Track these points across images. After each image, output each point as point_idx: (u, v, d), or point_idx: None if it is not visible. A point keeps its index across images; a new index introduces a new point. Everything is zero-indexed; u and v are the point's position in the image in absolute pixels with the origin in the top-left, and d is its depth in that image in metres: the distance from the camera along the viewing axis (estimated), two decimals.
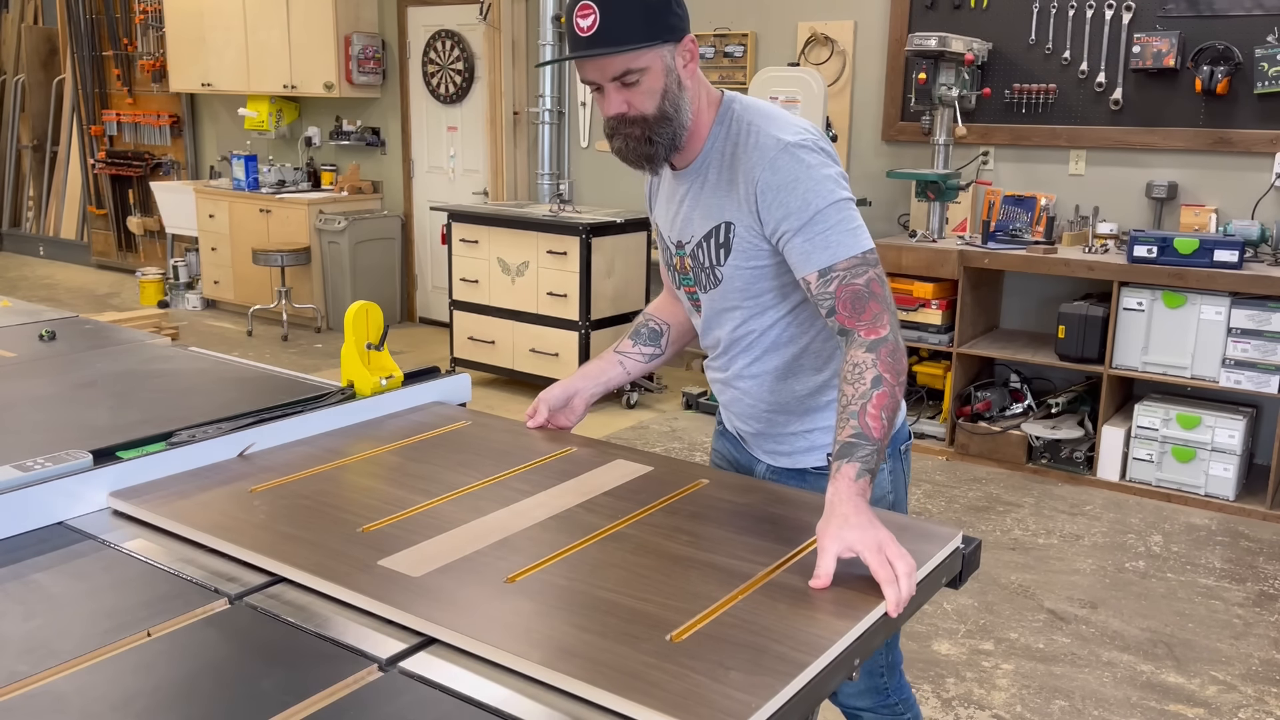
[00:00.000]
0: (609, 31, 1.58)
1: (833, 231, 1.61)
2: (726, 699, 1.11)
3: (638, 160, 1.70)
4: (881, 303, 1.60)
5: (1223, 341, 4.22)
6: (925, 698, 2.89)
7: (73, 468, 1.64)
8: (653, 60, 1.62)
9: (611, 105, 1.66)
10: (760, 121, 1.69)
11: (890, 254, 4.86)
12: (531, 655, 1.19)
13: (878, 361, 1.54)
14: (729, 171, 1.70)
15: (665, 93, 1.64)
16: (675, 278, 1.88)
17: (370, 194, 7.48)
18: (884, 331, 1.57)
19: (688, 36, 1.67)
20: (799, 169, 1.63)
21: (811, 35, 5.49)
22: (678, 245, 1.83)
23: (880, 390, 1.52)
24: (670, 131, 1.67)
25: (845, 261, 1.61)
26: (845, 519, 1.40)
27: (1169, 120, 4.64)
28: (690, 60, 1.67)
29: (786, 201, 1.63)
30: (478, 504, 1.64)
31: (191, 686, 1.17)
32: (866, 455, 1.47)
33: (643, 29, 1.60)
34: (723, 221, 1.72)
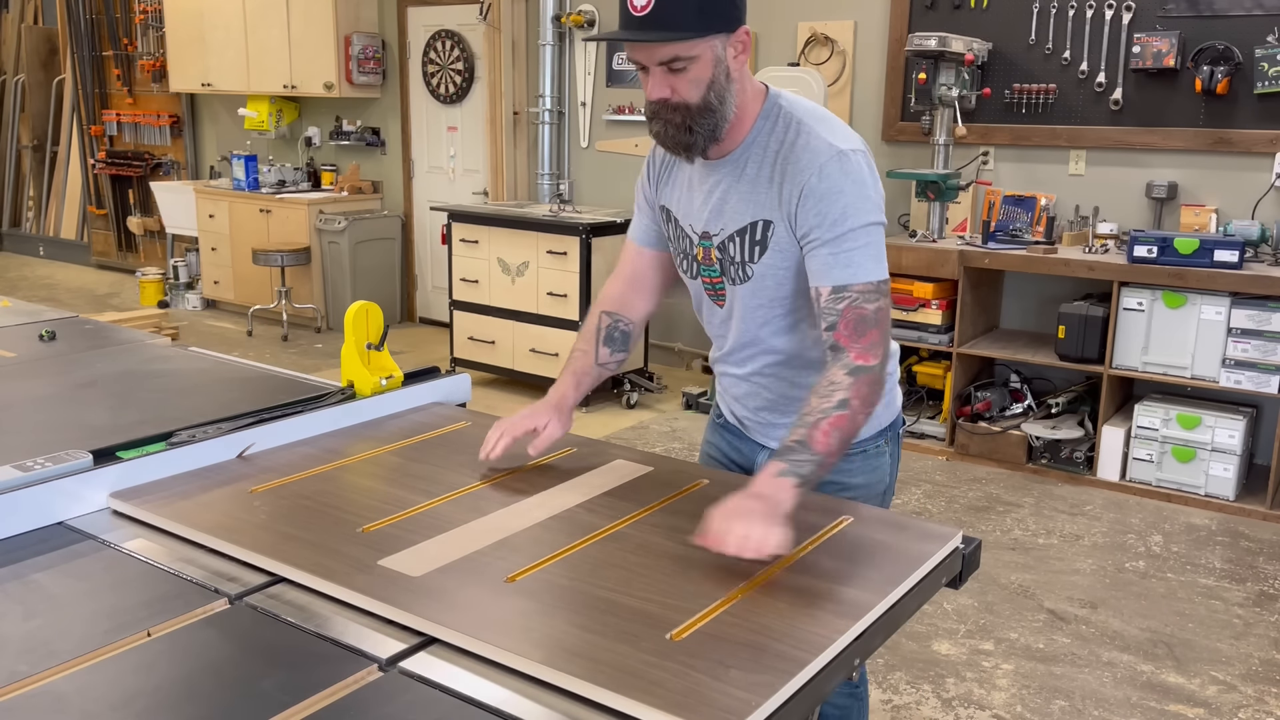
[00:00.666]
0: (663, 15, 1.54)
1: (859, 252, 1.61)
2: (727, 697, 1.11)
3: (675, 147, 1.68)
4: (882, 333, 1.61)
5: (1223, 341, 4.22)
6: (925, 698, 2.89)
7: (73, 468, 1.64)
8: (703, 50, 1.58)
9: (655, 89, 1.62)
10: (812, 123, 1.67)
11: (890, 254, 4.80)
12: (532, 654, 1.19)
13: (853, 386, 1.56)
14: (772, 169, 1.67)
15: (712, 83, 1.60)
16: (692, 267, 1.82)
17: (370, 194, 7.48)
18: (872, 361, 1.59)
19: (742, 27, 1.62)
20: (845, 181, 1.63)
21: (811, 35, 5.49)
22: (703, 235, 1.77)
23: (842, 413, 1.54)
24: (712, 123, 1.63)
25: (862, 285, 1.61)
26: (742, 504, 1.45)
27: (1169, 120, 4.64)
28: (742, 51, 1.64)
29: (826, 210, 1.62)
30: (478, 504, 1.64)
31: (191, 686, 1.17)
32: (800, 461, 1.51)
33: (697, 17, 1.56)
34: (760, 219, 1.69)
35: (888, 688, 2.93)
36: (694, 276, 1.84)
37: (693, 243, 1.80)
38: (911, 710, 2.84)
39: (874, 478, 1.86)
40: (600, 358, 1.91)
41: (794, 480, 1.49)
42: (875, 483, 1.86)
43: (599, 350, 1.91)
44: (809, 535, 1.52)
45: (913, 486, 4.48)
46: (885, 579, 1.40)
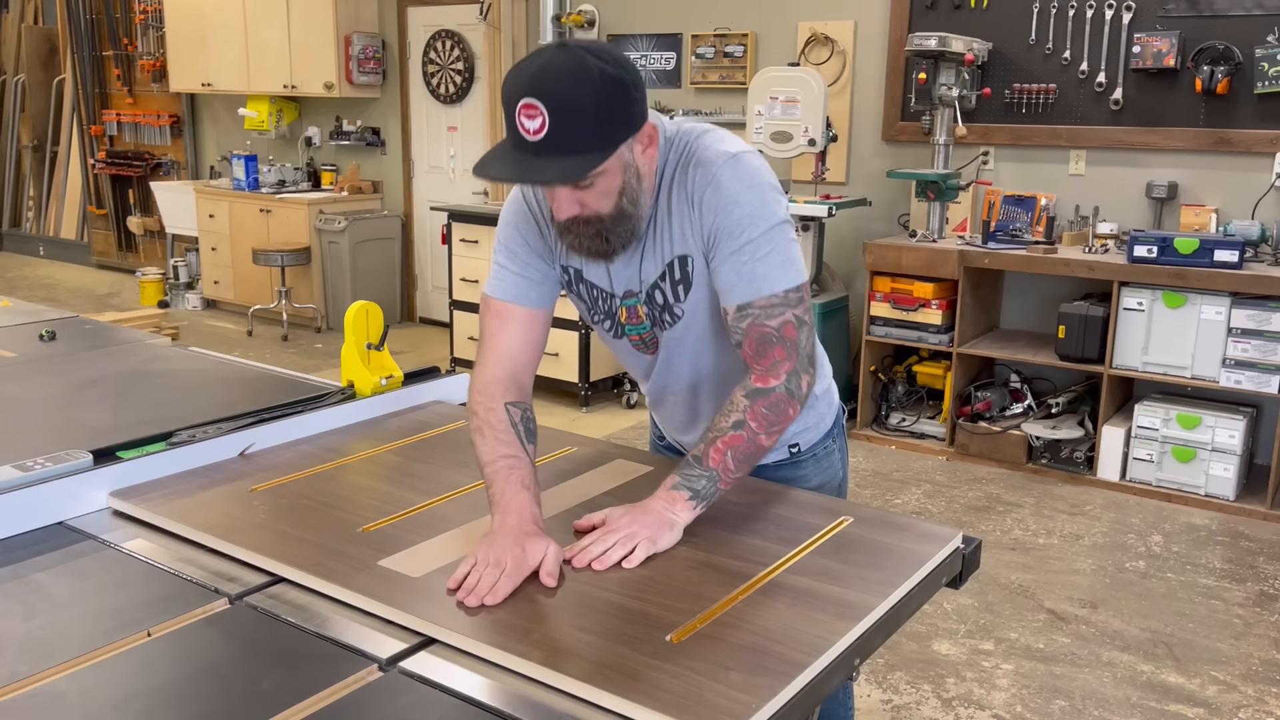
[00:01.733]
0: (561, 139, 1.38)
1: (761, 263, 1.52)
2: (727, 699, 1.11)
3: (592, 256, 1.58)
4: (788, 348, 1.53)
5: (1223, 341, 4.22)
6: (925, 698, 2.89)
7: (73, 468, 1.64)
8: (610, 162, 1.44)
9: (562, 209, 1.49)
10: (696, 139, 1.57)
11: (890, 254, 4.86)
12: (532, 656, 1.19)
13: (749, 410, 1.53)
14: (674, 199, 1.57)
15: (623, 190, 1.48)
16: (616, 328, 1.71)
17: (370, 194, 7.48)
18: (774, 382, 1.53)
19: (647, 123, 1.48)
20: (738, 186, 1.52)
21: (811, 35, 5.49)
22: (626, 294, 1.66)
23: (738, 433, 1.53)
24: (628, 228, 1.53)
25: (764, 300, 1.53)
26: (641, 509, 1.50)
27: (1169, 120, 4.64)
28: (649, 144, 1.50)
29: (723, 223, 1.53)
30: (477, 504, 1.63)
31: (191, 686, 1.17)
32: (693, 476, 1.52)
33: (596, 135, 1.41)
34: (676, 256, 1.59)
35: (888, 688, 2.93)
36: (618, 336, 1.73)
37: (614, 302, 1.68)
38: (911, 710, 2.84)
39: (828, 475, 1.89)
40: (531, 456, 1.59)
41: (686, 494, 1.51)
42: (830, 479, 1.89)
43: (527, 448, 1.59)
44: (808, 536, 1.52)
45: (913, 486, 4.48)
46: (885, 580, 1.39)
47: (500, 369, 1.65)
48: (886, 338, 4.98)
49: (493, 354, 1.66)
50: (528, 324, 1.67)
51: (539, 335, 1.69)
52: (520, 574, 1.36)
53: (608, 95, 1.40)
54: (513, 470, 1.53)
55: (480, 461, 1.56)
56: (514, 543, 1.39)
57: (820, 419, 1.87)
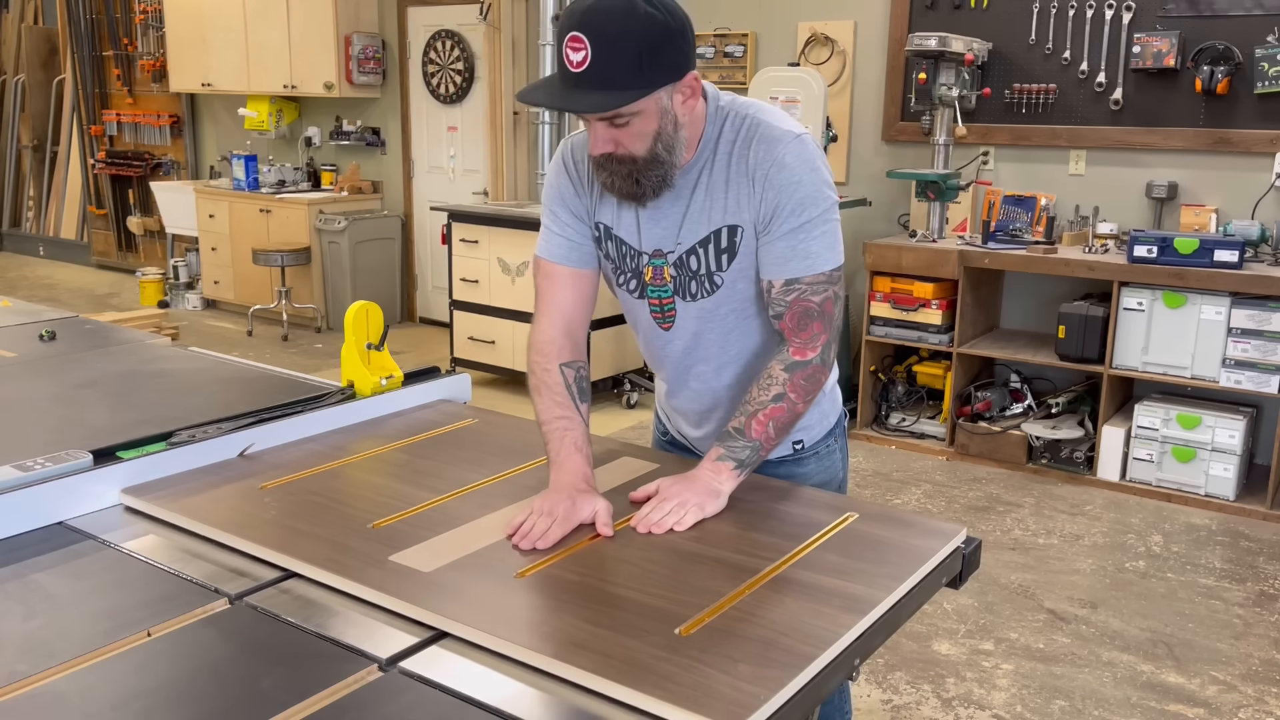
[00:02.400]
0: (601, 72, 1.44)
1: (815, 241, 1.60)
2: (736, 691, 1.12)
3: (624, 197, 1.62)
4: (825, 323, 1.63)
5: (1223, 341, 4.22)
6: (925, 698, 2.89)
7: (73, 467, 1.64)
8: (647, 104, 1.49)
9: (598, 144, 1.54)
10: (761, 115, 1.63)
11: (890, 254, 4.86)
12: (544, 649, 1.20)
13: (789, 381, 1.62)
14: (731, 170, 1.61)
15: (659, 135, 1.53)
16: (639, 288, 1.73)
17: (370, 194, 7.48)
18: (811, 355, 1.63)
19: (690, 73, 1.53)
20: (803, 167, 1.59)
21: (811, 35, 5.49)
22: (655, 254, 1.68)
23: (779, 405, 1.62)
24: (660, 173, 1.57)
25: (812, 276, 1.61)
26: (690, 479, 1.60)
27: (1169, 120, 4.64)
28: (690, 96, 1.55)
29: (785, 201, 1.58)
30: (486, 500, 1.65)
31: (191, 686, 1.17)
32: (737, 448, 1.61)
33: (638, 73, 1.46)
34: (726, 225, 1.63)
35: (888, 688, 2.93)
36: (640, 296, 1.74)
37: (641, 261, 1.70)
38: (911, 710, 2.84)
39: (830, 473, 1.91)
40: (584, 415, 1.71)
41: (731, 464, 1.61)
42: (831, 478, 1.91)
43: (580, 409, 1.70)
44: (814, 532, 1.54)
45: (913, 486, 4.48)
46: (890, 575, 1.40)
47: (554, 328, 1.74)
48: (886, 338, 4.98)
49: (546, 313, 1.75)
50: (575, 282, 1.75)
51: (588, 293, 1.77)
52: (569, 524, 1.50)
53: (651, 37, 1.45)
54: (567, 432, 1.65)
55: (539, 419, 1.70)
56: (566, 497, 1.54)
57: (824, 416, 1.88)
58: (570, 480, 1.58)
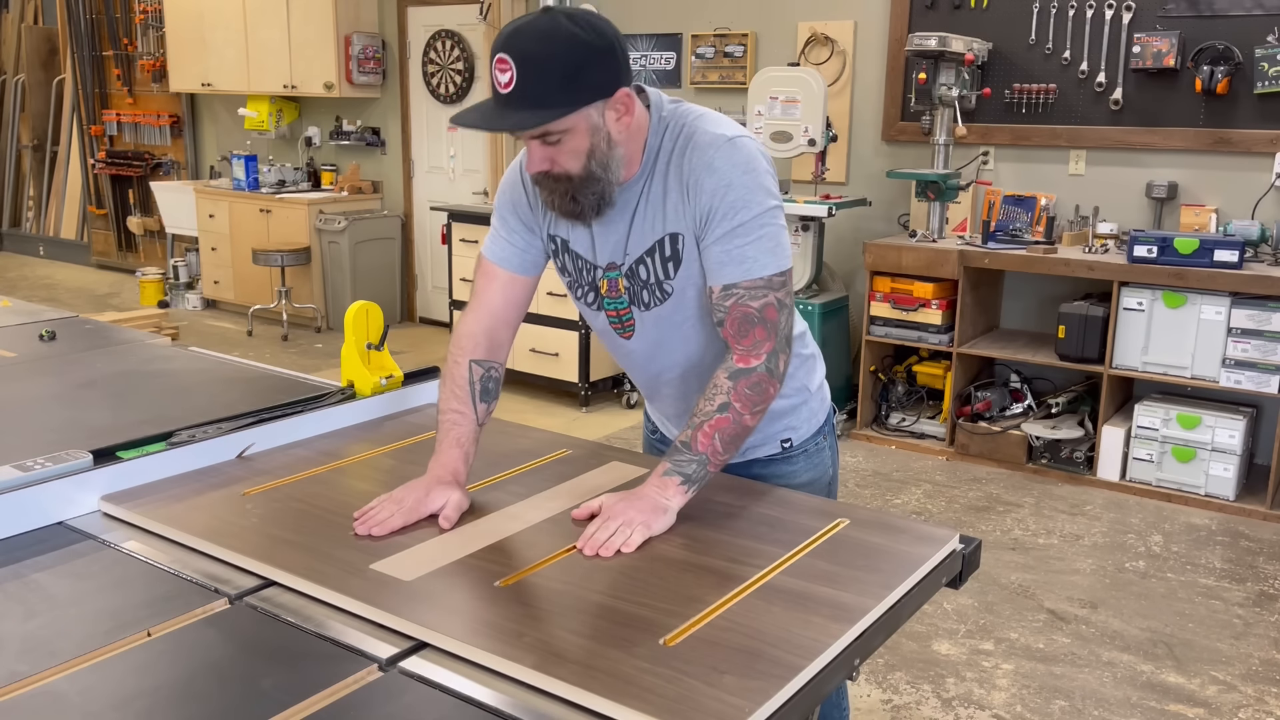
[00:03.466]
0: (526, 93, 1.47)
1: (751, 246, 1.58)
2: (720, 703, 1.11)
3: (564, 215, 1.64)
4: (768, 329, 1.59)
5: (1223, 341, 4.22)
6: (925, 698, 2.89)
7: (73, 468, 1.64)
8: (576, 121, 1.51)
9: (533, 162, 1.57)
10: (695, 121, 1.63)
11: (890, 254, 4.86)
12: (524, 660, 1.19)
13: (733, 390, 1.58)
14: (668, 179, 1.62)
15: (592, 152, 1.54)
16: (596, 300, 1.75)
17: (370, 194, 7.48)
18: (755, 362, 1.59)
19: (621, 90, 1.53)
20: (733, 170, 1.58)
21: (811, 35, 5.49)
22: (609, 267, 1.70)
23: (723, 416, 1.58)
24: (598, 190, 1.58)
25: (749, 281, 1.59)
26: (635, 496, 1.56)
27: (1169, 120, 4.64)
28: (624, 113, 1.55)
29: (717, 205, 1.58)
30: (471, 508, 1.63)
31: (191, 686, 1.17)
32: (683, 462, 1.57)
33: (562, 92, 1.48)
34: (668, 233, 1.64)
35: (888, 688, 2.93)
36: (598, 309, 1.77)
37: (597, 274, 1.72)
38: (911, 710, 2.84)
39: (818, 472, 1.90)
40: (479, 416, 1.74)
41: (678, 479, 1.57)
42: (820, 477, 1.91)
43: (476, 408, 1.73)
44: (804, 538, 1.52)
45: (913, 486, 4.48)
46: (881, 583, 1.39)
47: (478, 324, 1.77)
48: (886, 338, 4.98)
49: (474, 310, 1.79)
50: (509, 286, 1.78)
51: (520, 298, 1.80)
52: (414, 515, 1.56)
53: (575, 57, 1.48)
54: (454, 426, 1.70)
55: (438, 407, 1.75)
56: (423, 487, 1.60)
57: (813, 414, 1.89)
58: (437, 471, 1.64)
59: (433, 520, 1.57)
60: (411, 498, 1.58)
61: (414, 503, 1.57)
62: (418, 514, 1.56)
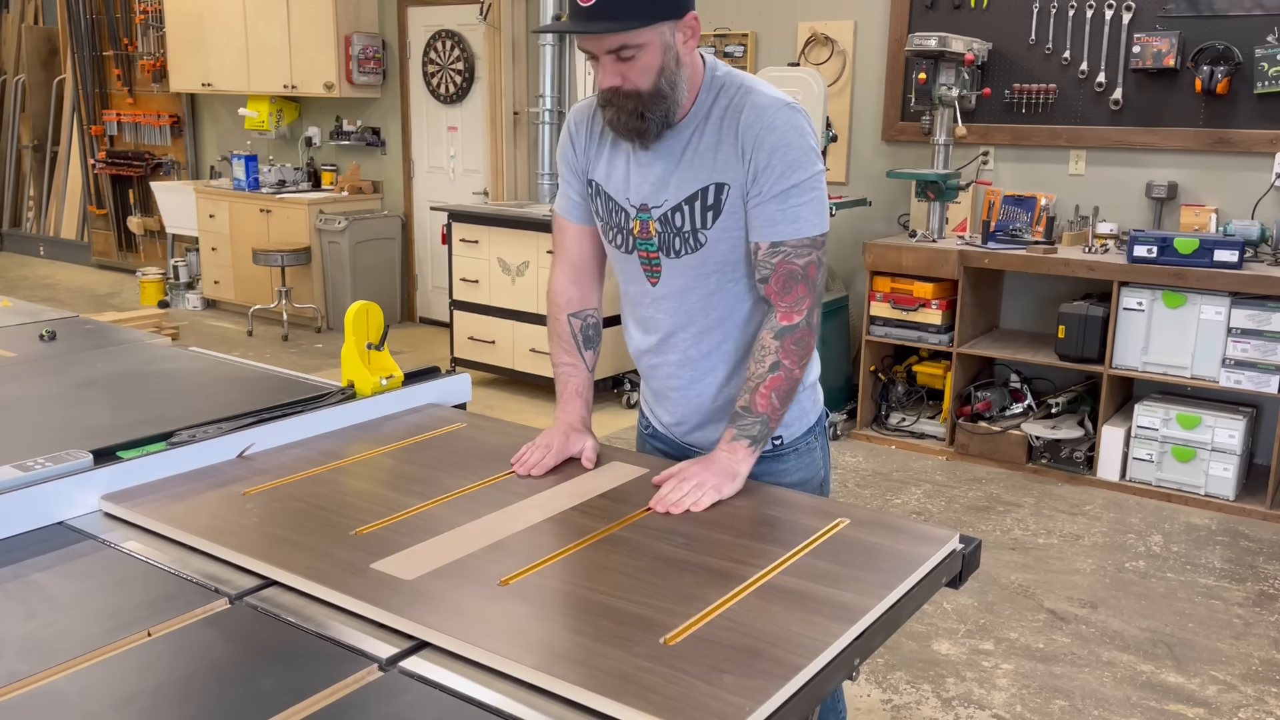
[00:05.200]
0: (609, 5, 1.57)
1: (804, 207, 1.67)
2: (720, 703, 1.11)
3: (629, 134, 1.70)
4: (809, 286, 1.70)
5: (1223, 341, 4.22)
6: (925, 698, 2.89)
7: (73, 468, 1.64)
8: (651, 37, 1.61)
9: (606, 77, 1.65)
10: (753, 84, 1.72)
11: (890, 254, 4.86)
12: (524, 659, 1.19)
13: (780, 348, 1.70)
14: (722, 132, 1.69)
15: (662, 69, 1.63)
16: (627, 241, 1.81)
17: (370, 194, 7.48)
18: (797, 318, 1.70)
19: (691, 13, 1.65)
20: (793, 132, 1.66)
21: (811, 35, 5.49)
22: (641, 208, 1.76)
23: (776, 374, 1.69)
24: (664, 108, 1.66)
25: (797, 240, 1.68)
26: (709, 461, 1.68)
27: (1169, 120, 4.64)
28: (691, 37, 1.67)
29: (775, 163, 1.65)
30: (472, 506, 1.63)
31: (191, 686, 1.17)
32: (748, 425, 1.70)
33: (643, 6, 1.58)
34: (713, 182, 1.70)
35: (888, 688, 2.93)
36: (628, 251, 1.82)
37: (629, 216, 1.79)
38: (911, 710, 2.84)
39: (809, 472, 1.91)
40: (588, 363, 1.92)
41: (746, 442, 1.69)
42: (811, 476, 1.92)
43: (584, 357, 1.92)
44: (804, 538, 1.52)
45: (913, 486, 4.48)
46: (881, 582, 1.39)
47: (565, 278, 1.92)
48: (886, 338, 4.98)
49: (558, 264, 1.94)
50: (582, 236, 1.90)
51: (596, 246, 1.91)
52: (561, 455, 1.78)
53: None
54: (570, 378, 1.89)
55: (552, 360, 1.93)
56: (561, 434, 1.80)
57: (804, 413, 1.89)
58: (568, 420, 1.83)
59: (433, 521, 1.57)
60: (557, 442, 1.77)
61: (559, 445, 1.77)
62: (564, 454, 1.78)
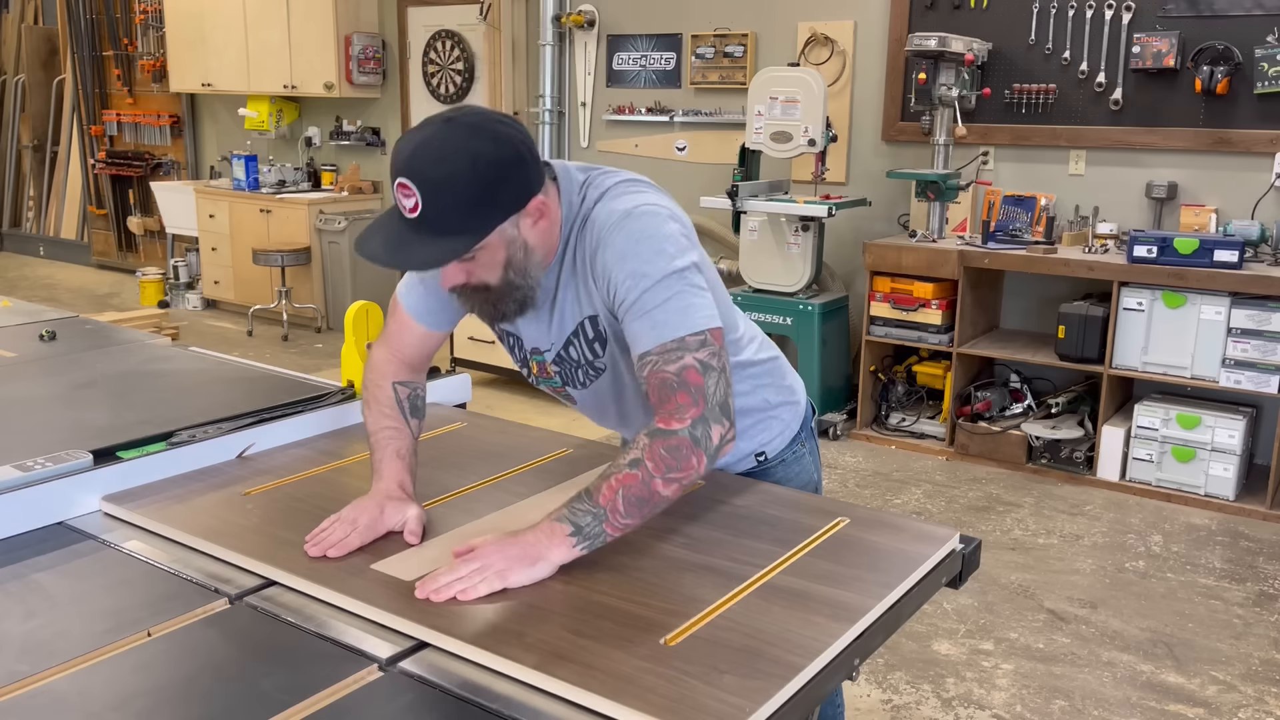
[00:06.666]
0: (430, 221, 1.39)
1: (659, 311, 1.47)
2: (720, 703, 1.11)
3: (488, 320, 1.60)
4: (691, 394, 1.43)
5: (1223, 341, 4.22)
6: (925, 698, 2.89)
7: (73, 468, 1.64)
8: (490, 239, 1.44)
9: (448, 278, 1.50)
10: (599, 201, 1.56)
11: (890, 254, 4.86)
12: (524, 659, 1.19)
13: (648, 448, 1.42)
14: (578, 265, 1.57)
15: (508, 263, 1.48)
16: (534, 379, 1.77)
17: (370, 194, 7.48)
18: (675, 426, 1.42)
19: (535, 199, 1.46)
20: (628, 242, 1.49)
21: (811, 35, 5.49)
22: (534, 351, 1.70)
23: (632, 473, 1.41)
24: (519, 296, 1.53)
25: (660, 346, 1.46)
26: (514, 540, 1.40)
27: (1169, 120, 4.64)
28: (540, 218, 1.49)
29: (618, 278, 1.50)
30: (471, 506, 1.63)
31: (191, 686, 1.17)
32: (580, 511, 1.41)
33: (470, 218, 1.40)
34: (585, 317, 1.60)
35: (888, 688, 2.93)
36: (537, 384, 1.79)
37: (527, 356, 1.73)
38: (911, 710, 2.84)
39: (802, 480, 1.89)
40: (414, 430, 1.69)
41: (568, 529, 1.39)
42: (805, 483, 1.90)
43: (410, 423, 1.69)
44: (805, 538, 1.52)
45: (913, 486, 4.48)
46: (881, 582, 1.39)
47: (394, 356, 1.74)
48: (886, 338, 4.98)
49: (388, 345, 1.75)
50: (424, 339, 1.75)
51: (433, 348, 1.77)
52: (372, 534, 1.49)
53: (484, 180, 1.39)
54: (390, 440, 1.64)
55: (367, 431, 1.68)
56: (375, 505, 1.52)
57: (785, 426, 1.87)
58: (384, 489, 1.55)
59: (433, 521, 1.57)
60: (366, 516, 1.49)
61: (370, 521, 1.48)
62: (375, 532, 1.48)
